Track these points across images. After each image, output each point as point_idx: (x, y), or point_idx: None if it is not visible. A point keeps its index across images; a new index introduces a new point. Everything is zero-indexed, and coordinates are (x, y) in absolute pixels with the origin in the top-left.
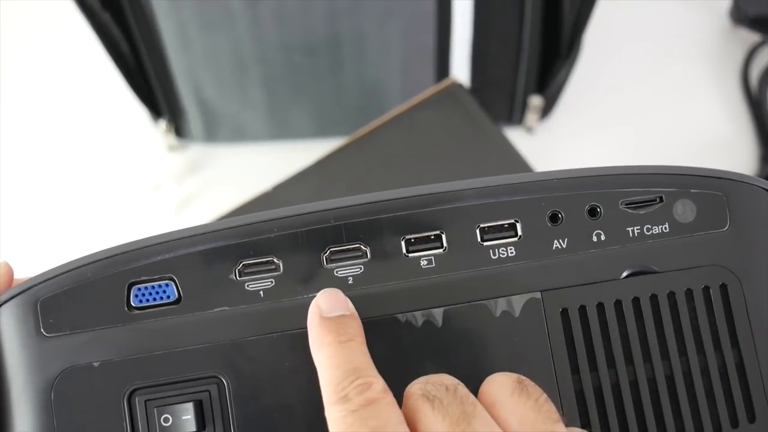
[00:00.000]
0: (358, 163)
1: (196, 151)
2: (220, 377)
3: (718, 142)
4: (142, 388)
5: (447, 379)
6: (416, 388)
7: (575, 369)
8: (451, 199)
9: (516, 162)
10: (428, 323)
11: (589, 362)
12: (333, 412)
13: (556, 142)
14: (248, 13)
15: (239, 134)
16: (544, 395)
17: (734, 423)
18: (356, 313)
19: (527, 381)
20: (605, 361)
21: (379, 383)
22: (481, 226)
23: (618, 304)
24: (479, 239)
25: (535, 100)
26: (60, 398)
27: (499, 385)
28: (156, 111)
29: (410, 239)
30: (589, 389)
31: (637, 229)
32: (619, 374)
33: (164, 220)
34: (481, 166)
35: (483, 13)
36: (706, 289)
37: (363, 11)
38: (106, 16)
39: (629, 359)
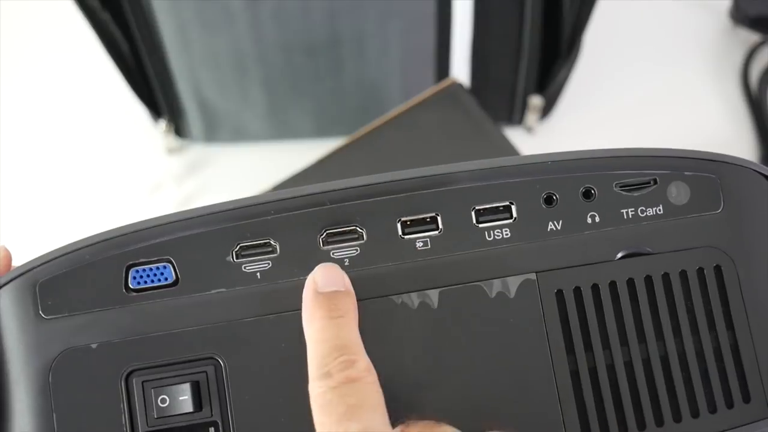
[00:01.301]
0: (358, 163)
1: (196, 151)
2: (217, 358)
3: (718, 142)
4: (139, 370)
5: (449, 430)
6: None
7: (570, 350)
8: (446, 182)
9: None
10: (424, 304)
11: (584, 343)
12: (315, 387)
13: (556, 142)
14: (248, 13)
15: (239, 134)
16: None
17: (729, 404)
18: (352, 290)
19: None
20: (600, 341)
21: (362, 362)
22: (477, 208)
23: (613, 285)
24: (474, 221)
25: (535, 100)
26: (58, 380)
27: None
28: (156, 111)
29: (406, 221)
30: (584, 370)
31: (631, 211)
32: (614, 355)
33: None
34: None
35: (483, 13)
36: (701, 271)
37: (363, 11)
38: (106, 16)
39: (624, 340)
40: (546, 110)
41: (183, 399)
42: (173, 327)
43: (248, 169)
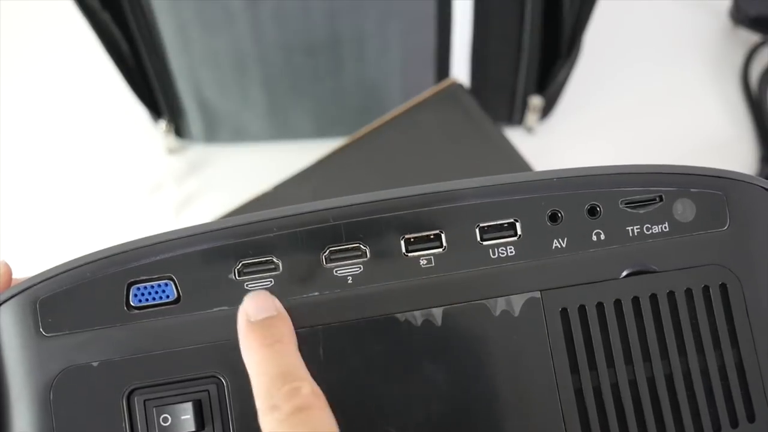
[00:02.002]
0: (358, 164)
1: (196, 151)
2: (219, 377)
3: (718, 143)
4: (141, 388)
5: None
6: None
7: (575, 368)
8: (450, 199)
9: (516, 162)
10: (428, 323)
11: (588, 362)
12: (265, 423)
13: (556, 142)
14: (248, 13)
15: (239, 134)
16: None
17: (734, 423)
18: (285, 313)
19: None
20: (605, 360)
21: (307, 386)
22: (481, 225)
23: (618, 303)
24: (479, 239)
25: (535, 101)
26: (59, 398)
27: None
28: (156, 111)
29: (410, 239)
30: (588, 389)
31: (636, 229)
32: (619, 374)
33: (164, 221)
34: (482, 167)
35: (483, 14)
36: (706, 289)
37: (363, 11)
38: (106, 16)
39: (629, 359)
40: (546, 110)
41: (185, 418)
42: (175, 345)
43: (248, 170)
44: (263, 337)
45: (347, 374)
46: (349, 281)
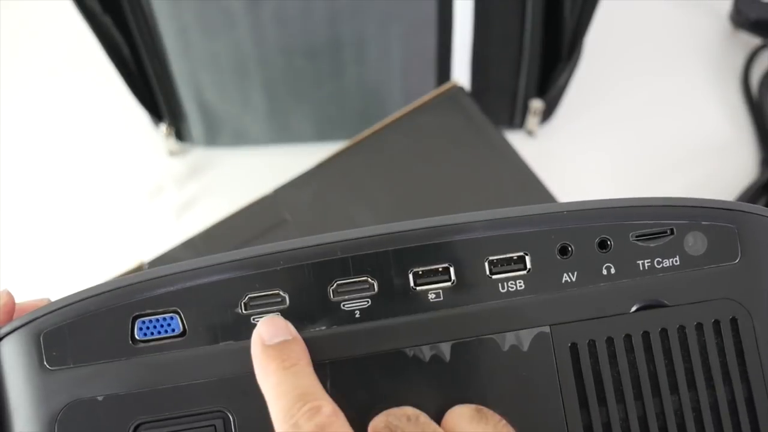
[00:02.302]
0: (359, 167)
1: (197, 154)
2: (226, 412)
3: (718, 146)
4: (147, 423)
5: (409, 410)
6: (378, 421)
7: (584, 403)
8: (459, 231)
9: (517, 165)
10: (436, 357)
11: (597, 397)
12: None
13: (557, 145)
14: (249, 17)
15: (240, 138)
16: (503, 421)
17: None
18: (299, 337)
19: (486, 410)
20: (614, 395)
21: (327, 406)
22: (490, 258)
23: (627, 338)
24: (488, 272)
25: (536, 104)
26: None
27: (458, 414)
28: (157, 115)
29: (418, 272)
30: (597, 424)
31: (647, 262)
32: (628, 409)
33: (165, 225)
34: (483, 170)
35: (484, 17)
36: (716, 323)
37: (364, 14)
38: (107, 20)
39: (638, 394)
40: (547, 114)
41: None
42: (181, 380)
43: (249, 173)
44: (281, 359)
45: (355, 409)
46: (357, 315)
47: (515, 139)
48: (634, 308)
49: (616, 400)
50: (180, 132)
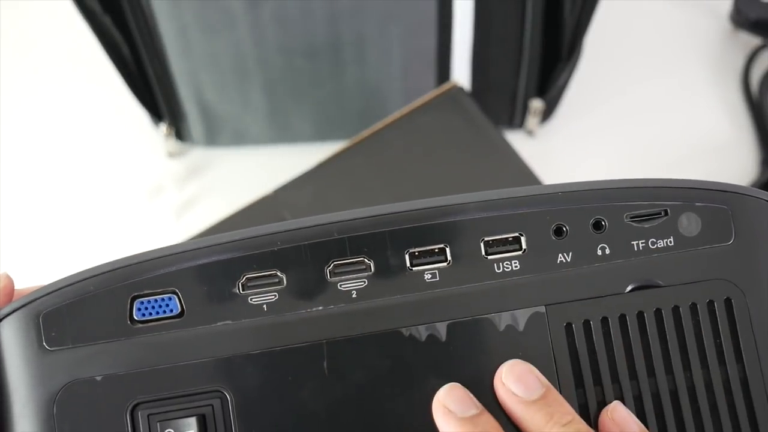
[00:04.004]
0: (359, 167)
1: (197, 154)
2: (224, 391)
3: (718, 146)
4: (145, 402)
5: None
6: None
7: (579, 383)
8: (455, 212)
9: (517, 165)
10: (432, 337)
11: (593, 377)
12: None
13: (557, 145)
14: (249, 17)
15: (240, 138)
16: None
17: None
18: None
19: None
20: (609, 375)
21: None
22: (486, 239)
23: (622, 318)
24: (483, 253)
25: (536, 104)
26: (62, 412)
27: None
28: (157, 115)
29: (414, 252)
30: (593, 404)
31: (641, 243)
32: (623, 389)
33: (165, 224)
34: (482, 169)
35: (484, 17)
36: (711, 303)
37: (364, 14)
38: (106, 20)
39: (633, 374)
40: (547, 114)
41: None
42: (179, 359)
43: (249, 173)
44: None
45: (351, 389)
46: (354, 295)
47: (515, 139)
48: (628, 288)
49: (611, 379)
50: (180, 132)
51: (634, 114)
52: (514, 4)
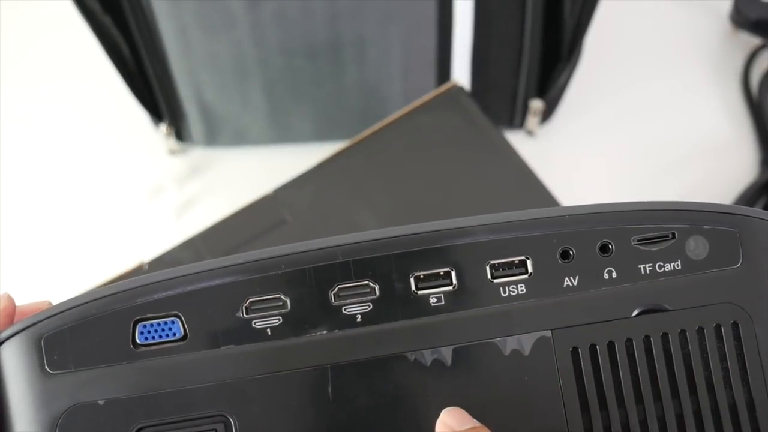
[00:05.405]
0: (359, 167)
1: (197, 154)
2: (227, 416)
3: (718, 146)
4: (148, 427)
5: None
6: None
7: (585, 408)
8: (461, 235)
9: (517, 165)
10: (437, 362)
11: (599, 401)
12: None
13: (557, 145)
14: (249, 16)
15: (240, 138)
16: None
17: None
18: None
19: None
20: (615, 400)
21: None
22: (492, 262)
23: (629, 342)
24: (489, 276)
25: (536, 104)
26: None
27: None
28: (157, 114)
29: (419, 276)
30: (599, 428)
31: (649, 267)
32: (629, 414)
33: (165, 224)
34: (483, 169)
35: (484, 17)
36: (718, 327)
37: (364, 14)
38: (107, 20)
39: (639, 398)
40: (547, 114)
41: None
42: (182, 384)
43: (249, 173)
44: None
45: (355, 414)
46: (358, 319)
47: (515, 139)
48: (635, 313)
49: (617, 404)
50: (180, 132)
51: (634, 114)
52: (514, 4)
